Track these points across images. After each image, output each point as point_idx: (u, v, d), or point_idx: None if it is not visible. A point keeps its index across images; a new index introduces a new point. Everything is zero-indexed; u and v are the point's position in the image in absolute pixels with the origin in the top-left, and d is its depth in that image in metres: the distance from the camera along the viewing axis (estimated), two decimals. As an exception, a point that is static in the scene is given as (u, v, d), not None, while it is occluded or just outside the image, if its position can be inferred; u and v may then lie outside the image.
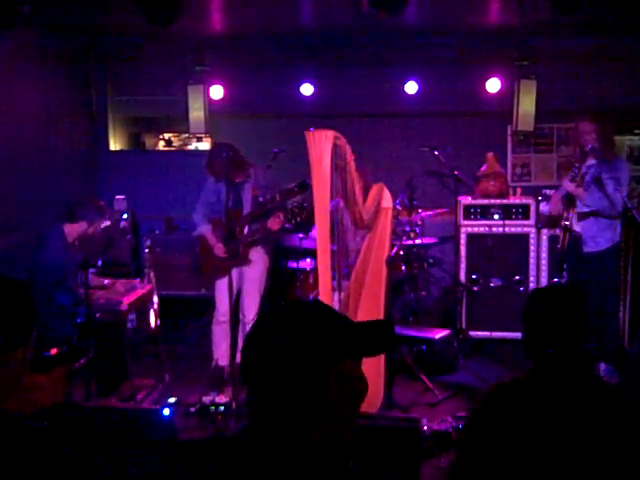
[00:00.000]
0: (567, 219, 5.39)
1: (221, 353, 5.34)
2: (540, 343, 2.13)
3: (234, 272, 4.90)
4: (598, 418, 1.18)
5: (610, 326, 5.35)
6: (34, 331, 1.74)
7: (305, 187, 4.85)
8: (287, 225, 5.18)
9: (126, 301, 4.76)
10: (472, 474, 1.22)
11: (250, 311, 5.41)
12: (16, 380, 1.70)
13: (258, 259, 5.40)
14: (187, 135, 7.90)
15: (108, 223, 6.42)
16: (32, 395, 3.60)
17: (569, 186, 5.25)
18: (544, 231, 6.17)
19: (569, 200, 5.36)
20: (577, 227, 5.30)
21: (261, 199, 5.25)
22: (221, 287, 5.27)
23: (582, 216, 5.25)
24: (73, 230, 4.84)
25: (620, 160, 5.38)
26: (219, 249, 5.31)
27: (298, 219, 4.94)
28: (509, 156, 7.24)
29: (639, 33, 6.41)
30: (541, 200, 6.20)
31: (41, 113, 6.27)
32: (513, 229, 6.24)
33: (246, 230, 5.18)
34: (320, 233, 4.21)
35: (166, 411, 3.46)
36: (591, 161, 5.21)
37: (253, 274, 5.39)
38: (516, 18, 6.25)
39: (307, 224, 5.35)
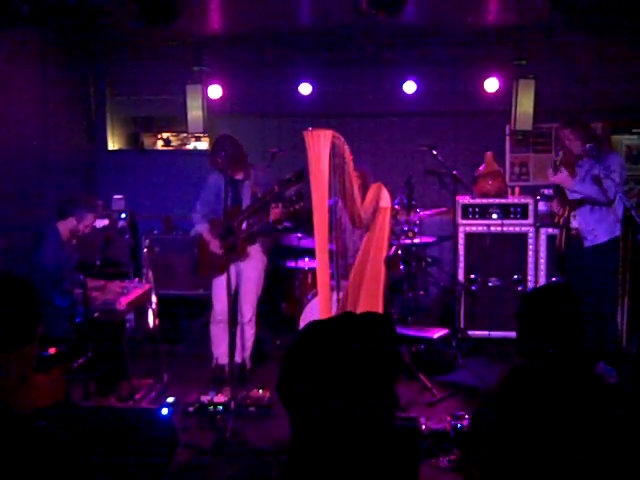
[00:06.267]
0: (563, 216, 5.41)
1: (221, 352, 5.31)
2: (535, 344, 2.13)
3: (232, 271, 4.87)
4: (599, 419, 1.18)
5: (608, 325, 5.35)
6: (39, 330, 1.74)
7: (302, 177, 4.80)
8: (287, 223, 5.17)
9: (124, 301, 4.75)
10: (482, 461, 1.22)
11: (248, 311, 5.40)
12: (21, 379, 1.70)
13: (256, 257, 5.39)
14: (185, 135, 7.90)
15: (106, 222, 6.43)
16: (30, 395, 3.60)
17: (555, 178, 5.30)
18: (542, 230, 6.17)
19: (563, 197, 5.39)
20: (574, 223, 5.33)
21: (260, 196, 5.23)
22: (219, 286, 5.25)
23: (575, 204, 5.27)
24: (65, 228, 4.83)
25: (611, 153, 5.39)
26: (215, 246, 5.28)
27: (297, 206, 4.93)
28: (507, 155, 7.25)
29: (637, 33, 6.42)
30: (539, 200, 6.21)
31: (40, 113, 6.26)
32: (511, 228, 6.24)
33: (244, 225, 5.15)
34: (318, 232, 4.22)
35: (164, 411, 3.47)
36: (585, 159, 5.23)
37: (251, 274, 5.38)
38: (514, 18, 6.25)
39: (308, 222, 5.34)
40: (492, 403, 1.22)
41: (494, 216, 6.25)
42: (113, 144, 7.70)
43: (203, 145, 7.83)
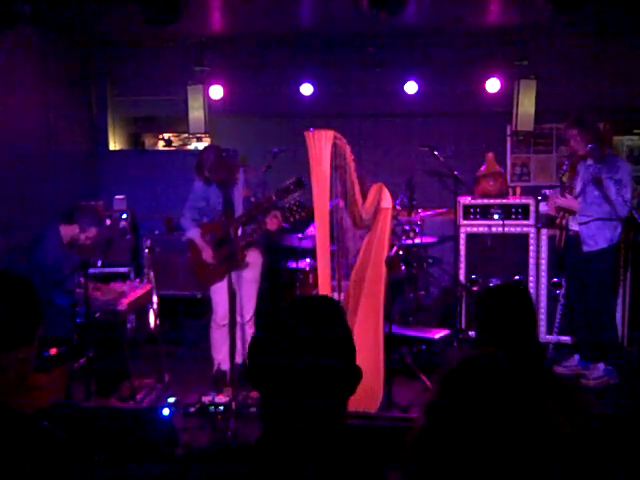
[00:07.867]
0: (563, 217, 5.39)
1: (223, 357, 5.26)
2: (493, 342, 2.30)
3: (231, 275, 4.83)
4: (553, 412, 1.17)
5: (608, 326, 5.33)
6: (39, 330, 1.73)
7: (301, 184, 4.77)
8: (285, 224, 5.15)
9: (125, 301, 4.76)
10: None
11: (248, 312, 5.36)
12: (20, 380, 1.70)
13: (255, 260, 5.37)
14: (187, 135, 7.91)
15: (107, 223, 6.44)
16: (32, 395, 3.60)
17: (561, 202, 5.28)
18: (544, 231, 6.16)
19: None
20: (575, 226, 5.30)
21: (253, 199, 5.19)
22: (219, 291, 5.19)
23: (582, 224, 5.23)
24: (66, 232, 4.84)
25: (620, 160, 5.35)
26: (208, 255, 5.22)
27: (297, 217, 4.89)
28: (509, 156, 7.25)
29: (638, 33, 6.42)
30: (540, 200, 6.20)
31: (41, 113, 6.27)
32: (513, 229, 6.23)
33: (240, 232, 5.12)
34: (320, 233, 4.22)
35: (165, 411, 3.47)
36: (589, 161, 5.20)
37: (250, 276, 5.35)
38: (516, 18, 6.26)
39: (303, 222, 5.29)
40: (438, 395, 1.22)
41: (495, 217, 6.24)
42: (114, 144, 7.71)
43: (204, 145, 7.83)
